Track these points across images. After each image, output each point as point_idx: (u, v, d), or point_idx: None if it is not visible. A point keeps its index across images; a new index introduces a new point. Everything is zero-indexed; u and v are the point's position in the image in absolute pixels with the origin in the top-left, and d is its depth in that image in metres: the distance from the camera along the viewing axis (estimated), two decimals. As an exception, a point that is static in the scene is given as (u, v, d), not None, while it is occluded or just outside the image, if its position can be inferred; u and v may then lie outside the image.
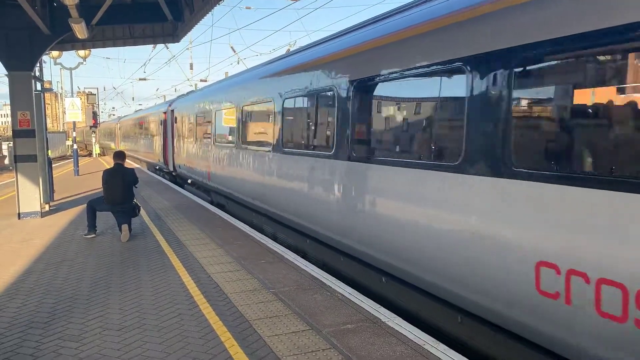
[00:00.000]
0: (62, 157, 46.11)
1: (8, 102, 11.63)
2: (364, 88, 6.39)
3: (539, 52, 3.87)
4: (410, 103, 5.80)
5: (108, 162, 31.05)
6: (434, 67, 5.05)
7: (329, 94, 7.18)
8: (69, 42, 14.17)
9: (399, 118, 6.03)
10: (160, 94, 59.74)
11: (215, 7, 11.23)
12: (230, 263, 7.42)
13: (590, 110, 3.70)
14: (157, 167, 24.62)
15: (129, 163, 12.67)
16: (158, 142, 23.05)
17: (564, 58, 3.83)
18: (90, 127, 38.74)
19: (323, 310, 5.42)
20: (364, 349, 4.47)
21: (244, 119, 11.30)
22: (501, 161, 4.18)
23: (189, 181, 17.34)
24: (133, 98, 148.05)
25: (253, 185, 10.37)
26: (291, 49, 16.44)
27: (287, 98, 8.75)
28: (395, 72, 5.67)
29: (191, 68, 35.24)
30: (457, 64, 4.71)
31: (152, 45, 24.48)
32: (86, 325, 5.12)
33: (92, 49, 21.47)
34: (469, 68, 4.57)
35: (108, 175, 9.35)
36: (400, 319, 5.22)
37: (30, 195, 11.59)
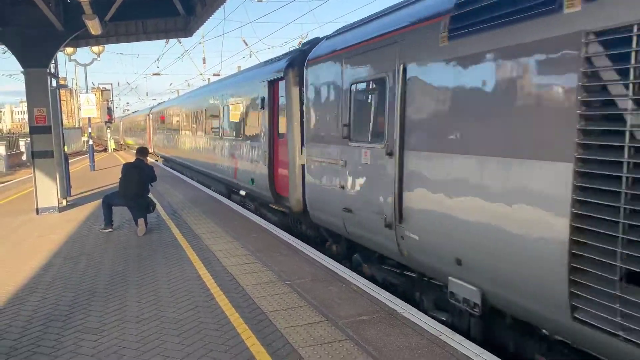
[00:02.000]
0: (78, 153, 46.64)
1: (25, 98, 11.75)
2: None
3: None
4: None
5: (124, 157, 31.34)
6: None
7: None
8: (83, 39, 14.25)
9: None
10: (173, 88, 60.04)
11: (226, 1, 11.23)
12: (245, 255, 7.46)
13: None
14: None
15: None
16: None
17: None
18: (105, 122, 39.06)
19: (338, 302, 5.44)
20: (380, 340, 4.48)
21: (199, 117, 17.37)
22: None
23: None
24: (147, 93, 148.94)
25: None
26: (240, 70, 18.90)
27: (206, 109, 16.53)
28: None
29: (204, 62, 35.47)
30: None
31: (165, 40, 24.39)
32: (105, 318, 5.19)
33: (105, 45, 21.66)
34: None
35: (127, 168, 9.45)
36: (416, 310, 5.22)
37: (47, 191, 11.74)
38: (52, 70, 13.87)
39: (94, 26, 10.99)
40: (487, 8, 4.23)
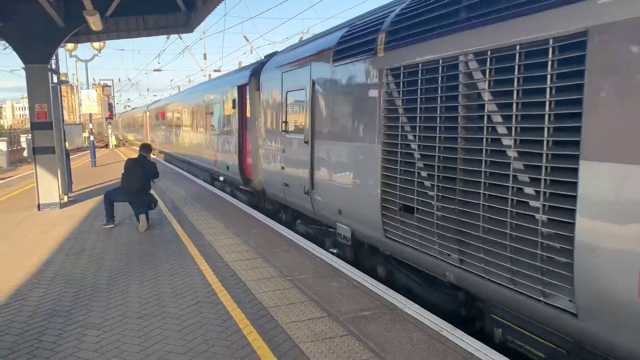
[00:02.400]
0: (79, 149, 46.66)
1: (26, 95, 11.76)
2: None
3: None
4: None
5: (125, 154, 31.37)
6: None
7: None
8: (84, 35, 14.24)
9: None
10: (174, 84, 59.97)
11: (227, -4, 11.21)
12: (247, 251, 7.48)
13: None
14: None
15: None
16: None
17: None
18: (106, 118, 39.05)
19: (339, 297, 5.45)
20: (381, 335, 4.49)
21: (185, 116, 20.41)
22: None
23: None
24: (148, 89, 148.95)
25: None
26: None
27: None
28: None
29: (205, 58, 35.37)
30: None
31: (166, 36, 24.86)
32: (107, 314, 5.21)
33: (106, 41, 21.61)
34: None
35: (129, 164, 9.47)
36: (417, 305, 5.24)
37: (49, 187, 11.75)
38: (53, 66, 13.85)
39: (94, 22, 10.97)
40: (349, 48, 6.71)
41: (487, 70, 4.25)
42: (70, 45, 22.25)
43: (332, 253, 7.54)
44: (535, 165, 3.79)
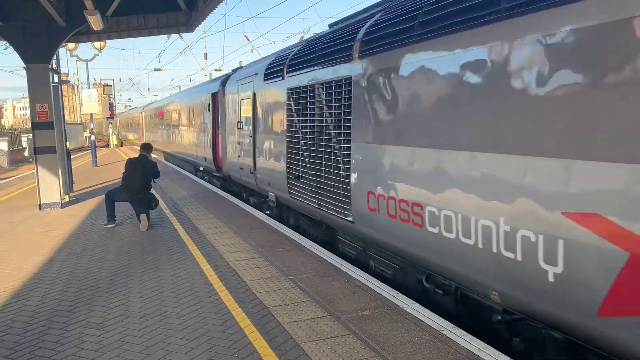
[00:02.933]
0: (80, 149, 46.67)
1: (27, 95, 11.76)
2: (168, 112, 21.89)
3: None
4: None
5: (126, 153, 31.38)
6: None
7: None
8: (85, 34, 14.25)
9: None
10: (175, 84, 59.96)
11: (228, -4, 11.21)
12: (248, 251, 7.48)
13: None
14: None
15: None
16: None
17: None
18: (107, 118, 39.07)
19: (341, 297, 5.45)
20: (382, 335, 4.49)
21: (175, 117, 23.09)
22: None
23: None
24: (149, 89, 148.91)
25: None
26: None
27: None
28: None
29: (205, 58, 35.30)
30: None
31: (167, 35, 25.23)
32: (108, 313, 5.21)
33: (107, 40, 21.60)
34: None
35: (130, 164, 9.47)
36: (418, 304, 5.24)
37: (50, 187, 11.76)
38: (54, 66, 13.85)
39: (95, 22, 10.97)
40: (271, 72, 9.59)
41: (323, 94, 7.25)
42: (71, 45, 22.25)
43: (267, 214, 10.48)
44: (341, 146, 6.75)
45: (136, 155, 10.02)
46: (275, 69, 9.47)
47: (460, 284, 4.93)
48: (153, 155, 10.02)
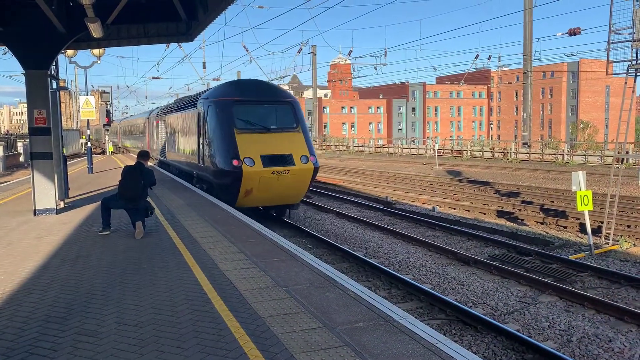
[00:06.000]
0: (76, 155, 46.57)
1: (23, 100, 11.74)
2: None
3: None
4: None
5: (122, 161, 31.34)
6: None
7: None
8: (85, 41, 14.32)
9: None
10: (173, 92, 60.11)
11: (229, 6, 11.30)
12: (243, 260, 7.48)
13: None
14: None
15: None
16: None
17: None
18: (104, 125, 39.06)
19: (335, 308, 5.46)
20: (376, 347, 4.50)
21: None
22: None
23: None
24: (146, 96, 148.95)
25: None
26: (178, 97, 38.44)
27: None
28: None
29: (204, 67, 35.48)
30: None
31: (166, 44, 27.02)
32: (102, 321, 5.20)
33: (106, 48, 21.64)
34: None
35: (127, 171, 9.48)
36: (413, 317, 5.25)
37: (45, 192, 11.73)
38: (53, 72, 13.88)
39: (95, 29, 11.02)
40: (168, 111, 23.40)
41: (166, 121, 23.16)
42: (70, 52, 22.29)
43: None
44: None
45: (132, 162, 10.03)
46: (149, 115, 28.36)
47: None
48: (149, 163, 10.01)
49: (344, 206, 19.27)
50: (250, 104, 14.45)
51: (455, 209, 18.83)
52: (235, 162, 13.41)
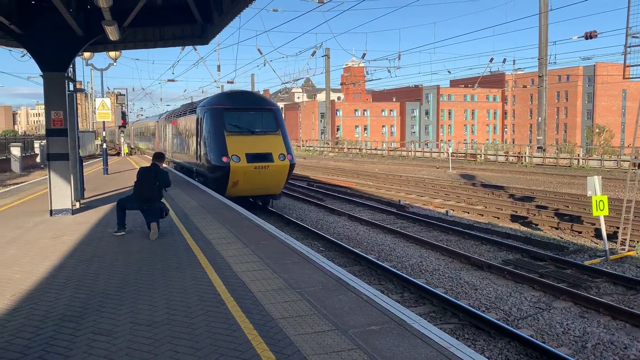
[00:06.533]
0: (91, 156, 47.07)
1: (40, 101, 11.92)
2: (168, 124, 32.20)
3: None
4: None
5: (136, 162, 31.60)
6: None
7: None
8: (101, 44, 14.49)
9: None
10: (187, 95, 60.55)
11: (243, 10, 11.37)
12: (256, 262, 7.51)
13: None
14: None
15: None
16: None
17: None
18: (119, 127, 39.44)
19: (348, 311, 5.47)
20: (388, 350, 4.50)
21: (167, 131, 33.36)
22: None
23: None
24: (161, 99, 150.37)
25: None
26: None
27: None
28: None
29: (218, 70, 35.72)
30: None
31: (181, 47, 27.52)
32: (117, 320, 5.26)
33: (122, 50, 21.88)
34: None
35: (142, 172, 9.58)
36: (425, 321, 5.24)
37: (62, 193, 11.88)
38: (70, 74, 14.06)
39: (112, 32, 11.16)
40: (173, 115, 26.75)
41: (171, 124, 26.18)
42: (86, 54, 22.58)
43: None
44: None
45: (148, 164, 10.12)
46: (161, 117, 31.28)
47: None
48: (164, 165, 10.08)
49: (356, 209, 19.26)
50: (239, 111, 17.47)
51: (468, 213, 18.74)
52: (224, 159, 16.23)
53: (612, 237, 13.27)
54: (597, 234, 13.56)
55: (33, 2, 11.33)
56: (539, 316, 8.21)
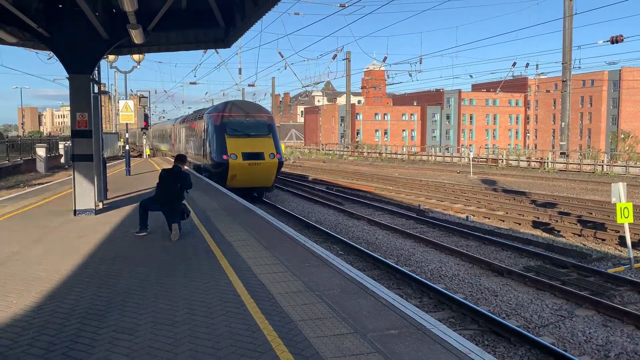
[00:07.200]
0: (114, 157, 47.74)
1: (65, 103, 12.16)
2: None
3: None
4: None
5: (158, 164, 31.99)
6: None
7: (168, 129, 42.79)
8: (126, 47, 14.72)
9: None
10: (208, 97, 61.14)
11: (265, 14, 11.46)
12: (275, 265, 7.56)
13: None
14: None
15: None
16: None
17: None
18: (142, 129, 39.99)
19: (367, 315, 5.47)
20: (407, 354, 4.49)
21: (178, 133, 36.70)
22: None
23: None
24: (183, 101, 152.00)
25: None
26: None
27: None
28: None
29: (240, 73, 36.02)
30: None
31: (203, 50, 28.03)
32: (139, 319, 5.34)
33: (146, 54, 22.19)
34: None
35: (165, 174, 9.72)
36: (445, 326, 5.22)
37: (85, 193, 12.08)
38: (95, 77, 14.32)
39: (137, 35, 11.35)
40: (178, 122, 34.64)
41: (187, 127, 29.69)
42: (111, 57, 22.93)
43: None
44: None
45: (170, 166, 10.25)
46: (176, 121, 35.39)
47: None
48: (185, 167, 10.19)
49: (375, 213, 19.21)
50: (238, 118, 21.59)
51: (489, 218, 18.56)
52: (224, 157, 20.13)
53: (636, 245, 13.02)
54: (622, 241, 13.32)
55: (60, 5, 11.57)
56: (560, 324, 8.10)
